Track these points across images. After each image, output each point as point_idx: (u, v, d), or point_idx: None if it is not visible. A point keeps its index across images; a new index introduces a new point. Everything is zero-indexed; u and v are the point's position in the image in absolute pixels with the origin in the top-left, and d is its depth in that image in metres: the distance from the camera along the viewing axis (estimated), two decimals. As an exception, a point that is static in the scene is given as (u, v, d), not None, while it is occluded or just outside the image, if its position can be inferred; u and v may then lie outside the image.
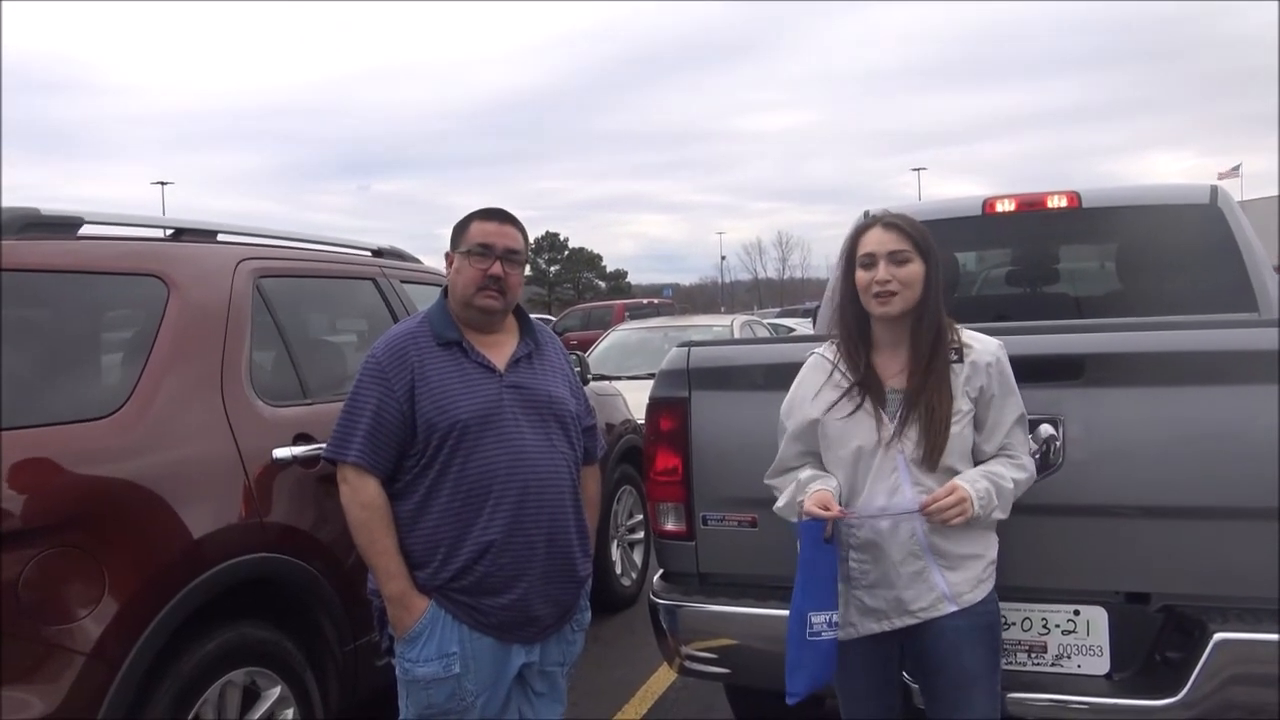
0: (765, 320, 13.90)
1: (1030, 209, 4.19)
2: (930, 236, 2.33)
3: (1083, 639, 2.53)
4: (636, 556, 5.55)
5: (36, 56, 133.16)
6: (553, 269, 68.30)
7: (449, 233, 2.55)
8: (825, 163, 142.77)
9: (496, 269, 2.45)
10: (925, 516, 2.22)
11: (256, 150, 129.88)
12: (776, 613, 2.54)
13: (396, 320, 3.51)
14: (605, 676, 4.34)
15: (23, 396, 2.38)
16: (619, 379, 7.83)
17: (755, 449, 2.54)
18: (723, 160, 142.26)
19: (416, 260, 4.36)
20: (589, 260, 69.92)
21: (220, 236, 3.26)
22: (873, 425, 2.29)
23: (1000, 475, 2.26)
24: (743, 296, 75.20)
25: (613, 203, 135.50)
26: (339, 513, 2.44)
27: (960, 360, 2.29)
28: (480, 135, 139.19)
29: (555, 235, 69.26)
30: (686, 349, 2.92)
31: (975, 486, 2.22)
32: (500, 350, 2.50)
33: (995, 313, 4.14)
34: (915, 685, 2.46)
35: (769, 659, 2.62)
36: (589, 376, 5.43)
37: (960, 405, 2.27)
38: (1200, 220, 3.95)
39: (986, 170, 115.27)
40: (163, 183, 50.66)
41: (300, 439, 2.98)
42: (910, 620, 2.28)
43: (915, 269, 2.28)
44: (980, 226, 4.33)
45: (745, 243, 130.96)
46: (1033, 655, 2.55)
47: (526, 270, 2.75)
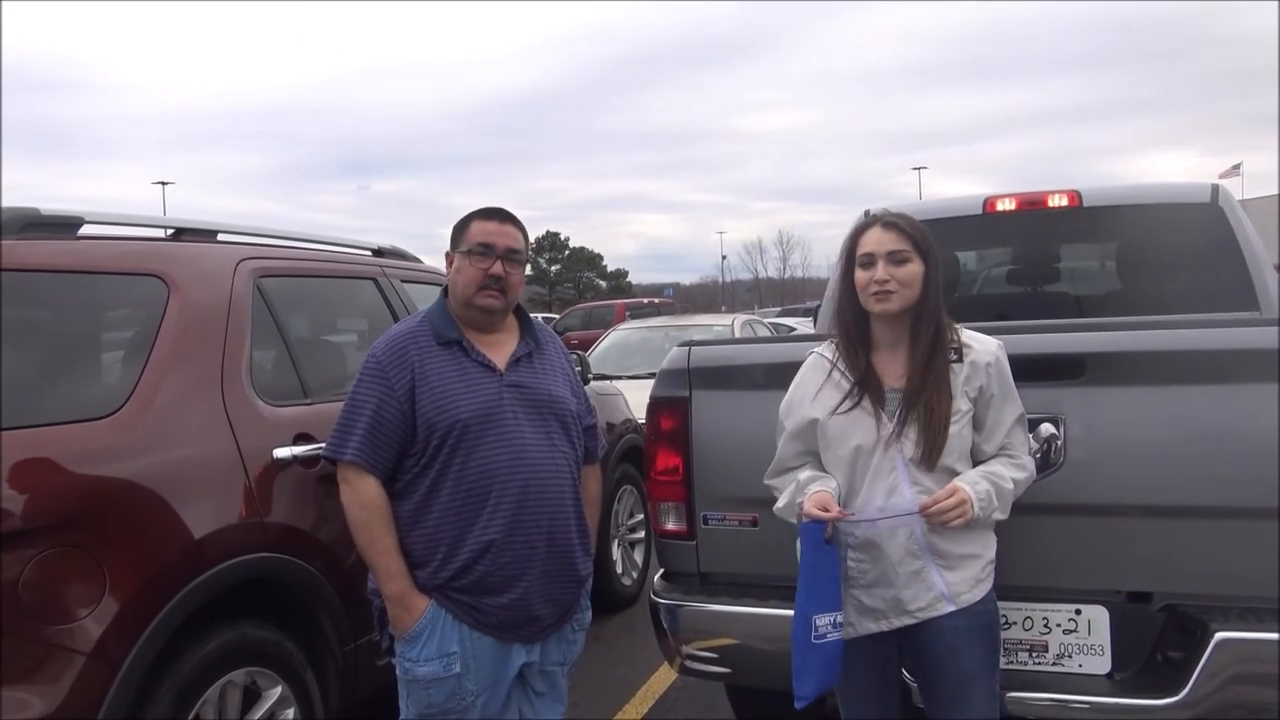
0: (766, 320, 13.87)
1: (1031, 208, 4.19)
2: (930, 236, 2.33)
3: (1084, 638, 2.52)
4: (637, 556, 5.55)
5: (36, 56, 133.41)
6: (553, 269, 68.32)
7: (449, 232, 2.55)
8: (826, 162, 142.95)
9: (497, 268, 2.45)
10: (925, 518, 2.22)
11: (256, 150, 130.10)
12: (777, 612, 2.54)
13: (397, 320, 3.50)
14: (606, 676, 4.33)
15: (23, 396, 2.38)
16: (620, 378, 7.83)
17: (756, 448, 2.54)
18: (723, 160, 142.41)
19: (417, 260, 4.36)
20: (590, 260, 69.93)
21: (220, 236, 3.26)
22: (872, 425, 2.29)
23: (1000, 476, 2.26)
24: (743, 296, 75.15)
25: (613, 202, 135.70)
26: (339, 512, 2.44)
27: (960, 360, 2.29)
28: (480, 135, 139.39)
29: (556, 235, 69.35)
30: (687, 348, 2.91)
31: (976, 488, 2.22)
32: (500, 349, 2.50)
33: (996, 312, 4.14)
34: (915, 684, 2.45)
35: (770, 658, 2.62)
36: (590, 376, 5.42)
37: (959, 405, 2.27)
38: (1201, 219, 3.94)
39: (987, 170, 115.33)
40: (163, 183, 50.71)
41: (301, 439, 2.98)
42: (908, 620, 2.27)
43: (914, 269, 2.28)
44: (981, 225, 4.32)
45: (746, 242, 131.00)
46: (1034, 655, 2.55)
47: (527, 270, 2.75)
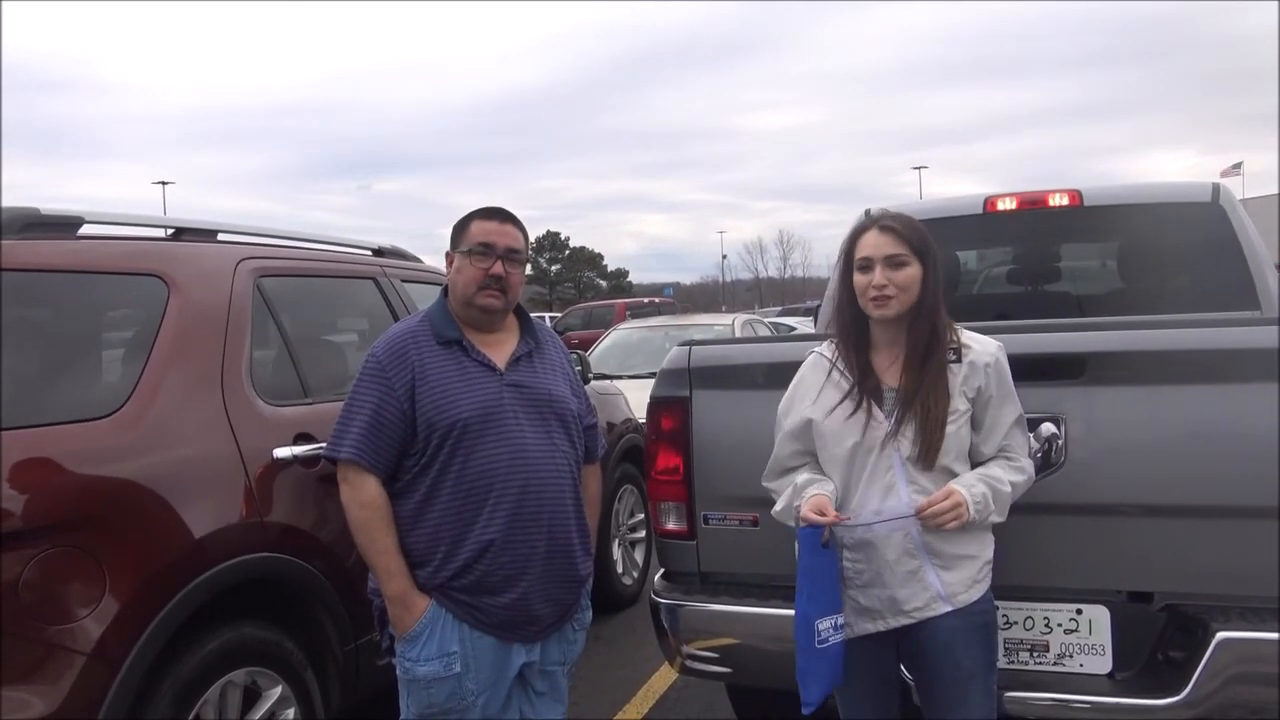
0: (766, 319, 13.86)
1: (1032, 207, 4.19)
2: (928, 237, 2.32)
3: (1085, 638, 2.52)
4: (638, 555, 5.55)
5: (36, 56, 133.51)
6: (554, 268, 68.31)
7: (449, 232, 2.55)
8: (826, 162, 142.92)
9: (498, 268, 2.45)
10: (921, 520, 2.21)
11: (256, 150, 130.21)
12: (778, 612, 2.54)
13: (397, 319, 3.50)
14: (606, 676, 4.33)
15: (23, 396, 2.38)
16: (620, 378, 7.83)
17: (756, 448, 2.54)
18: (723, 159, 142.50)
19: (417, 259, 4.36)
20: (590, 259, 69.92)
21: (220, 236, 3.26)
22: (870, 424, 2.28)
23: (997, 479, 2.25)
24: (744, 295, 75.13)
25: (613, 202, 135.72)
26: (339, 512, 2.44)
27: (958, 360, 2.28)
28: (480, 135, 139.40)
29: (556, 234, 69.34)
30: (687, 348, 2.91)
31: (972, 491, 2.21)
32: (501, 349, 2.50)
33: (996, 311, 4.14)
34: (914, 682, 2.45)
35: (770, 658, 2.62)
36: (590, 375, 5.42)
37: (957, 405, 2.26)
38: (1202, 218, 3.94)
39: (987, 169, 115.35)
40: (163, 182, 50.70)
41: (301, 438, 2.97)
42: (905, 620, 2.27)
43: (912, 272, 2.27)
44: (981, 225, 4.32)
45: (746, 242, 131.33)
46: (1035, 654, 2.55)
47: (527, 270, 2.75)
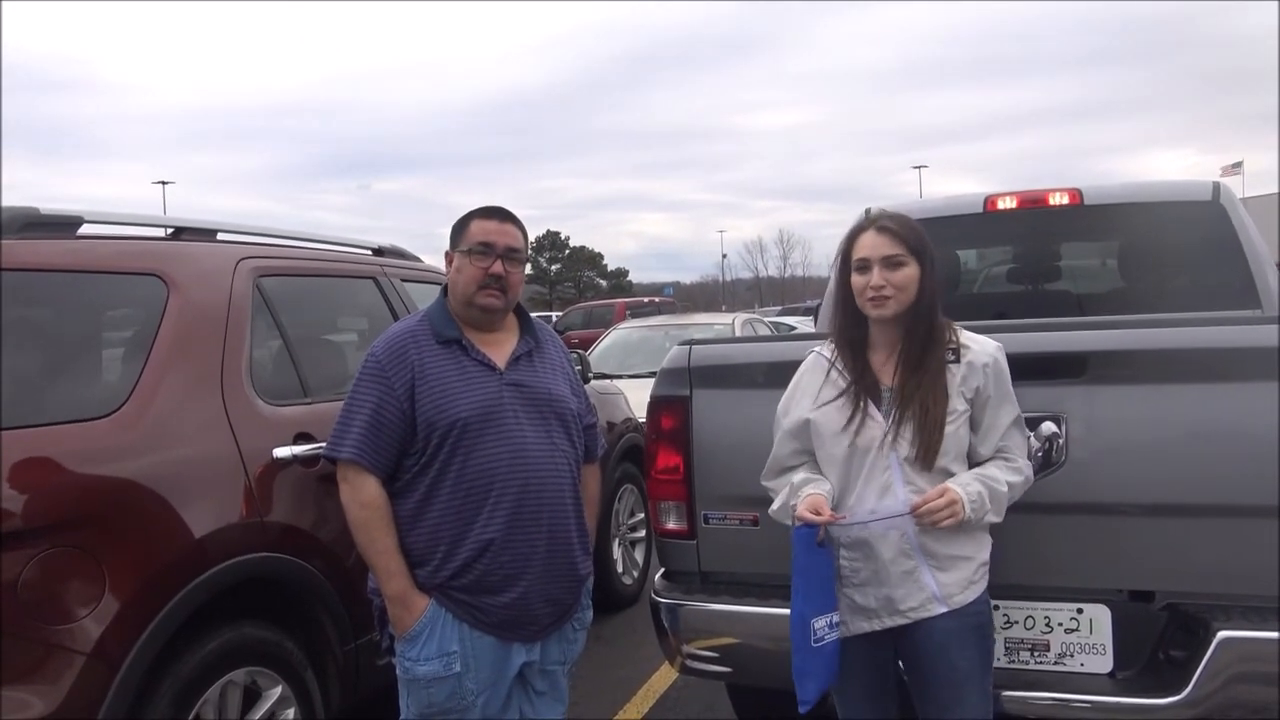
0: (766, 319, 13.86)
1: (1032, 206, 4.18)
2: (924, 237, 2.32)
3: (1086, 637, 2.52)
4: (638, 555, 5.55)
5: (36, 56, 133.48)
6: (554, 268, 68.31)
7: (449, 232, 2.55)
8: (826, 161, 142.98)
9: (498, 268, 2.45)
10: (915, 519, 2.21)
11: (256, 150, 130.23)
12: (778, 612, 2.53)
13: (397, 319, 3.50)
14: (606, 675, 4.33)
15: (23, 396, 2.38)
16: (620, 377, 7.83)
17: (757, 447, 2.53)
18: (724, 159, 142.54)
19: (417, 259, 4.36)
20: (590, 259, 69.92)
21: (220, 235, 3.26)
22: (868, 424, 2.28)
23: (994, 479, 2.25)
24: (744, 295, 75.11)
25: (613, 202, 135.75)
26: (339, 512, 2.44)
27: (956, 360, 2.28)
28: (480, 135, 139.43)
29: (556, 234, 69.35)
30: (687, 347, 2.91)
31: (967, 490, 2.21)
32: (500, 348, 2.50)
33: (997, 310, 4.13)
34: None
35: (770, 657, 2.62)
36: (590, 375, 5.42)
37: (955, 405, 2.26)
38: (1203, 217, 3.94)
39: (987, 168, 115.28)
40: (163, 182, 50.71)
41: (301, 438, 2.97)
42: (900, 620, 2.27)
43: (909, 272, 2.27)
44: (982, 224, 4.32)
45: (746, 241, 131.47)
46: (1035, 654, 2.54)
47: (527, 269, 2.74)
